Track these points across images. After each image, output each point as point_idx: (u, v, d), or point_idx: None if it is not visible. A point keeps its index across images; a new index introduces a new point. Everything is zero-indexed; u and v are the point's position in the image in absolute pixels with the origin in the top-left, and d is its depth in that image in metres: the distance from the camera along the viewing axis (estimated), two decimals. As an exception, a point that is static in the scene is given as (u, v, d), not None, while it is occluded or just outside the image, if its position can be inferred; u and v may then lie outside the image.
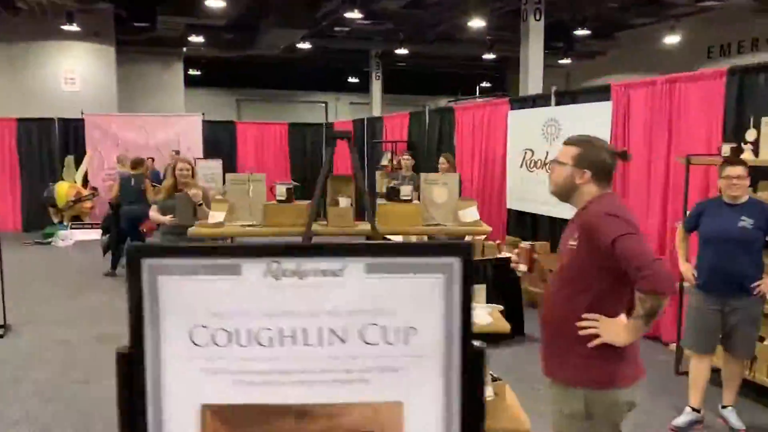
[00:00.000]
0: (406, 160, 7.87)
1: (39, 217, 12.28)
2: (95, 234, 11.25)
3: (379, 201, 7.19)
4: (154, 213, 5.68)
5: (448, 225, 3.09)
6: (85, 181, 11.81)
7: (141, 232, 8.21)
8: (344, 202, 3.13)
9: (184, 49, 21.98)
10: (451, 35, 20.86)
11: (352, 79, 31.14)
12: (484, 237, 5.81)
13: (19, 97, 14.84)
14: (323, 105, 31.55)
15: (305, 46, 22.59)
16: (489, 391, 3.14)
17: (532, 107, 6.92)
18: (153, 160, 12.23)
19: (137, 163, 8.35)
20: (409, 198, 3.11)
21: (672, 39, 15.93)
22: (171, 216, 5.48)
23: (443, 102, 34.85)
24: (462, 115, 8.42)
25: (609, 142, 5.47)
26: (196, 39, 20.65)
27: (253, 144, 13.82)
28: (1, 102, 13.78)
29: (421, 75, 29.98)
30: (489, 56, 25.04)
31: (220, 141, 13.48)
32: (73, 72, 16.69)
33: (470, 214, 3.12)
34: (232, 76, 28.70)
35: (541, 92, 8.95)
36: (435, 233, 3.14)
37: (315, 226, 3.07)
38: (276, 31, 16.86)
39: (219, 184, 11.57)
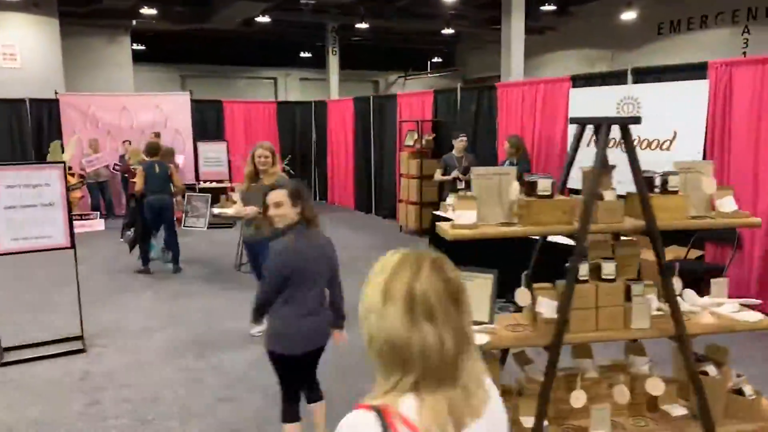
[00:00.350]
0: (461, 141, 7.62)
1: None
2: (88, 226, 10.35)
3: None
4: (239, 206, 5.27)
5: (713, 217, 2.91)
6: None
7: (172, 221, 7.60)
8: (610, 195, 2.88)
9: (134, 22, 20.53)
10: (412, 9, 20.68)
11: (304, 54, 30.30)
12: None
13: None
14: (272, 81, 30.63)
15: (264, 19, 21.68)
16: (749, 389, 3.03)
17: (601, 85, 6.82)
18: (130, 143, 11.39)
19: (154, 149, 7.61)
20: (677, 189, 2.89)
21: (628, 15, 16.29)
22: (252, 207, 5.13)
23: (393, 77, 34.66)
24: (507, 93, 8.23)
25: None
26: (149, 11, 19.33)
27: (241, 123, 13.07)
28: None
29: (372, 50, 29.57)
30: (447, 31, 25.04)
31: (206, 121, 12.66)
32: (12, 47, 15.27)
33: (728, 203, 2.95)
34: (176, 51, 27.22)
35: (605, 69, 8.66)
36: (706, 227, 2.96)
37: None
38: (237, 4, 15.99)
39: (225, 167, 10.90)
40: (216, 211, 7.36)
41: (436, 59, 32.29)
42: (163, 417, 3.84)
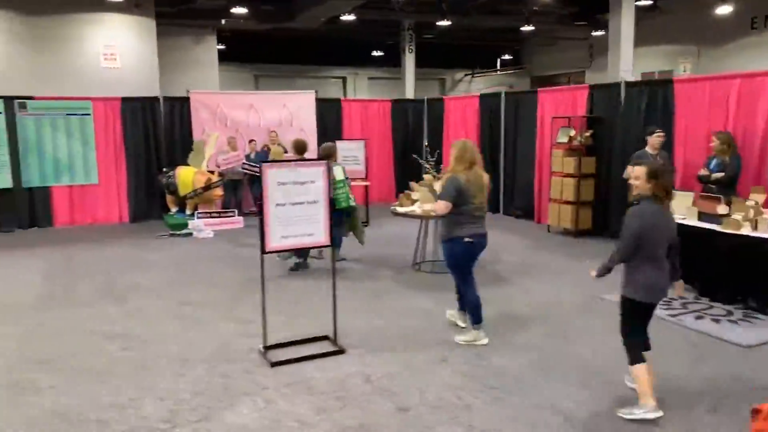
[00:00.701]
0: (657, 137, 7.29)
1: (144, 206, 11.25)
2: (227, 224, 10.37)
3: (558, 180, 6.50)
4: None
5: None
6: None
7: None
8: None
9: (223, 21, 20.78)
10: (493, 6, 20.50)
11: (375, 53, 30.38)
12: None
13: (55, 75, 13.62)
14: (341, 80, 30.82)
15: (349, 18, 21.74)
16: None
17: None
18: (255, 141, 11.42)
19: (302, 146, 7.51)
20: None
21: (724, 9, 15.59)
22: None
23: (460, 75, 34.37)
24: (686, 89, 7.87)
25: None
26: (239, 11, 19.57)
27: (358, 121, 12.98)
28: (36, 81, 12.49)
29: (439, 48, 29.37)
30: (527, 28, 24.80)
31: (325, 118, 12.57)
32: (113, 47, 15.59)
33: None
34: (251, 51, 27.55)
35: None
36: None
37: None
38: (327, 2, 15.94)
39: (362, 166, 10.79)
40: (401, 210, 7.19)
41: (505, 57, 31.97)
42: (498, 425, 3.66)
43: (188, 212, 10.47)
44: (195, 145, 10.67)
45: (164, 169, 10.81)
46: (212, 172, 10.50)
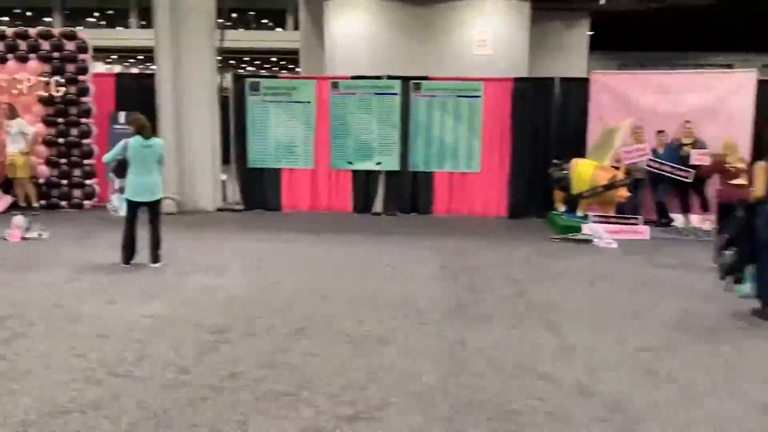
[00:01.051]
0: None
1: (525, 201, 9.99)
2: (629, 232, 8.36)
3: None
4: None
5: None
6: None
7: None
8: None
9: (602, 1, 18.67)
10: None
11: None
12: None
13: (431, 62, 13.26)
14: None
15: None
16: None
17: None
18: (665, 133, 9.04)
19: None
20: None
21: None
22: None
23: None
24: None
25: None
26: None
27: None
28: (415, 68, 11.95)
29: None
30: None
31: (762, 106, 9.47)
32: (485, 33, 14.84)
33: None
34: (619, 37, 24.72)
35: None
36: None
37: None
38: None
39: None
40: None
41: None
42: None
43: (579, 213, 8.80)
44: (602, 134, 8.90)
45: (556, 161, 9.32)
46: (617, 168, 8.60)
